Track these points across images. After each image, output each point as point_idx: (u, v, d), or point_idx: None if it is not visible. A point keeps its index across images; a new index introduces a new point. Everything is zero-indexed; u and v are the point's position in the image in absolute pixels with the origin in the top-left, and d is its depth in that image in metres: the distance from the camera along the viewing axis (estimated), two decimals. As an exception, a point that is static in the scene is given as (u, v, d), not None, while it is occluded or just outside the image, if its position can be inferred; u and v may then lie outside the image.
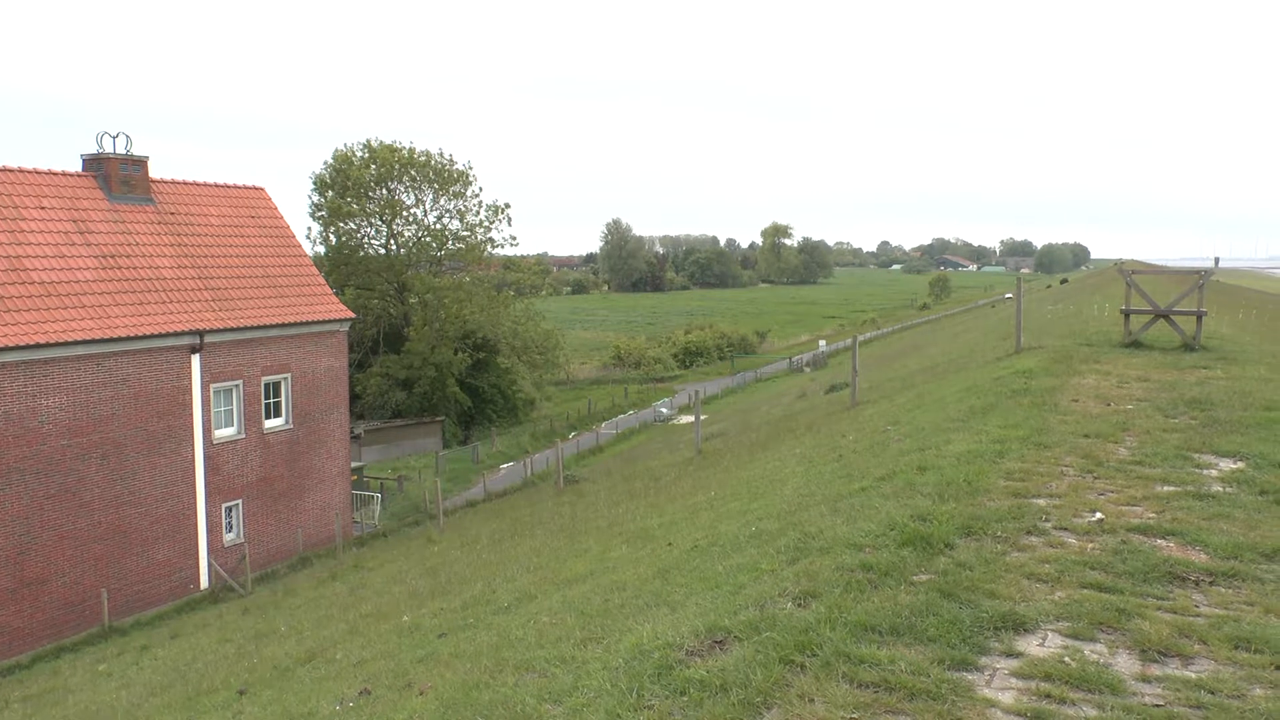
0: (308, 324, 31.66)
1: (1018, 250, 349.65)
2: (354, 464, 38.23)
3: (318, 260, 53.77)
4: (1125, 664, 4.82)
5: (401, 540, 30.07)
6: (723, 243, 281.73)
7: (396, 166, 59.09)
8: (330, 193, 58.36)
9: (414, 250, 60.92)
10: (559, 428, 58.20)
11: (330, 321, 32.62)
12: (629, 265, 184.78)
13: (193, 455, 27.58)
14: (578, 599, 9.11)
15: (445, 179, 60.73)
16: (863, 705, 4.36)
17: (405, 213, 60.55)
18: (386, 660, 10.40)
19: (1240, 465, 8.68)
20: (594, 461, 44.65)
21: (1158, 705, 4.37)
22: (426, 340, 56.01)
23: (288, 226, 34.24)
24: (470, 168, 61.91)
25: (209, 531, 28.16)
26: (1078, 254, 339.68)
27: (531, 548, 16.91)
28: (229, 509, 28.98)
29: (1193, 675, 4.65)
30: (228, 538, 28.86)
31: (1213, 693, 4.46)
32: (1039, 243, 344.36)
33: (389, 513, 37.68)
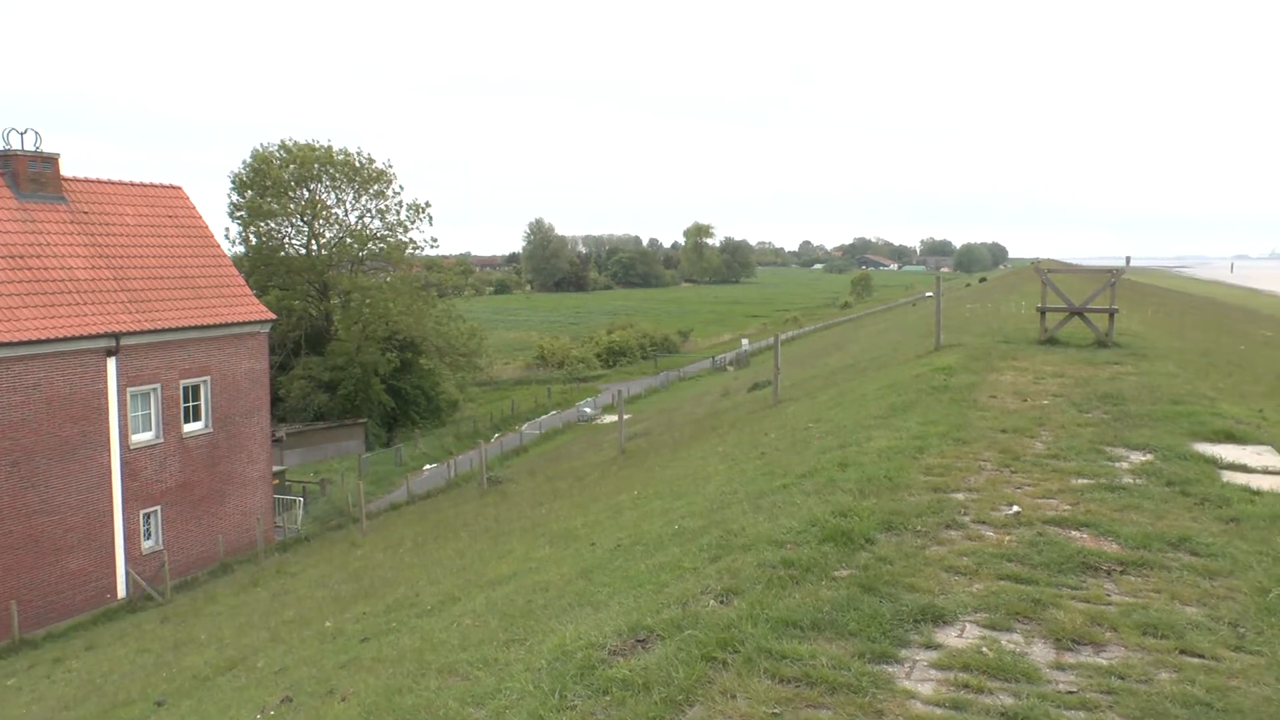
0: (228, 325, 31.11)
1: (938, 250, 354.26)
2: (276, 468, 37.65)
3: (237, 261, 52.90)
4: (1041, 653, 4.91)
5: (325, 544, 29.70)
6: (645, 242, 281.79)
7: (316, 166, 58.40)
8: (250, 192, 57.50)
9: (335, 251, 60.26)
10: (483, 428, 57.86)
11: (251, 323, 32.11)
12: (552, 265, 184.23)
13: (109, 461, 26.96)
14: (501, 600, 9.07)
15: (365, 178, 60.15)
16: (784, 700, 4.39)
17: (326, 213, 59.88)
18: (309, 667, 10.27)
19: (1149, 457, 8.89)
20: (518, 462, 44.45)
21: (1071, 692, 4.47)
22: (351, 341, 55.42)
23: (206, 226, 33.63)
24: (390, 166, 61.46)
25: (126, 539, 27.54)
26: (996, 253, 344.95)
27: (455, 549, 16.81)
28: (147, 516, 28.37)
29: (1104, 662, 4.77)
30: (146, 545, 28.24)
31: (1122, 678, 4.59)
32: (958, 242, 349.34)
33: (312, 516, 37.17)
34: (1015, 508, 7.30)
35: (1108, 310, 18.06)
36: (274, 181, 57.28)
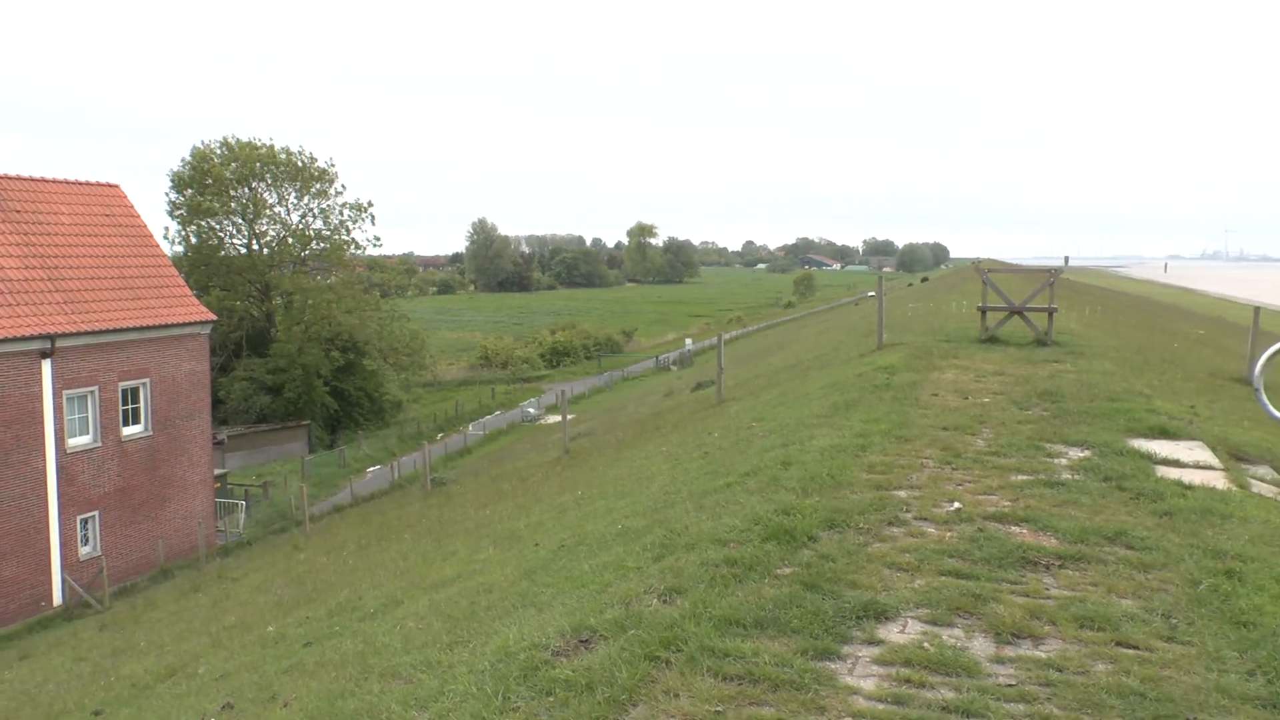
0: (167, 326, 30.66)
1: (880, 250, 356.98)
2: (218, 471, 37.23)
3: (177, 261, 52.16)
4: (981, 647, 4.97)
5: (267, 548, 29.35)
6: (589, 242, 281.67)
7: (257, 164, 57.78)
8: (190, 191, 56.73)
9: (277, 251, 59.65)
10: (426, 429, 57.54)
11: (191, 324, 31.67)
12: (495, 265, 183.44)
13: (44, 466, 26.46)
14: (445, 602, 9.01)
15: (307, 178, 59.63)
16: (727, 698, 4.40)
17: (267, 212, 59.27)
18: (250, 673, 10.14)
19: (1087, 454, 9.01)
20: (462, 463, 44.27)
21: (1010, 685, 4.53)
22: (294, 342, 54.87)
23: (145, 226, 33.11)
24: (332, 166, 60.99)
25: (63, 545, 27.04)
26: (938, 253, 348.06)
27: (399, 552, 16.69)
28: (85, 521, 27.89)
29: (1043, 655, 4.84)
30: (84, 551, 27.76)
31: (1060, 670, 4.66)
32: (900, 242, 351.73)
33: (254, 520, 36.79)
34: (956, 504, 7.37)
35: (1047, 309, 18.29)
36: (215, 180, 56.59)
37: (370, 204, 62.45)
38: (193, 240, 57.42)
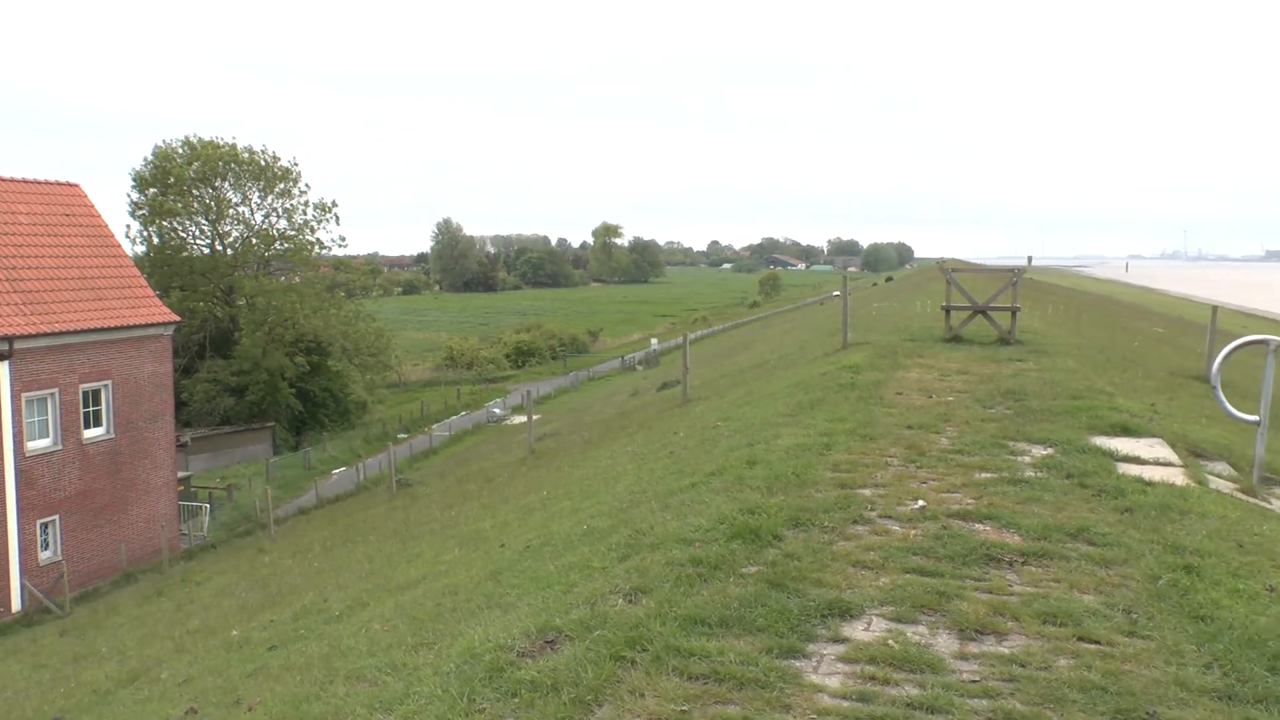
0: (129, 328, 30.35)
1: (845, 249, 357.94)
2: (181, 473, 36.87)
3: (139, 261, 51.60)
4: (945, 643, 5.00)
5: (232, 551, 29.14)
6: (554, 242, 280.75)
7: (220, 163, 57.23)
8: (151, 190, 56.12)
9: (241, 251, 59.15)
10: (392, 430, 57.28)
11: (153, 325, 31.37)
12: (460, 265, 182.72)
13: (2, 469, 26.14)
14: (410, 604, 8.98)
15: (271, 177, 59.10)
16: (693, 697, 4.41)
17: (231, 211, 58.76)
18: (214, 677, 10.07)
19: (1050, 451, 9.08)
20: (427, 464, 44.10)
21: (974, 681, 4.56)
22: (259, 343, 54.45)
23: (106, 226, 32.76)
24: (296, 165, 60.43)
25: (22, 550, 26.71)
26: (902, 253, 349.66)
27: (364, 554, 16.62)
28: (45, 525, 27.56)
29: (1006, 650, 4.88)
30: (44, 556, 27.44)
31: (1023, 665, 4.70)
32: (865, 242, 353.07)
33: (218, 523, 36.49)
34: (920, 502, 7.41)
35: (1010, 308, 18.41)
36: (177, 179, 55.99)
37: (334, 203, 62.02)
38: (155, 240, 56.79)
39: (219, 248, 58.81)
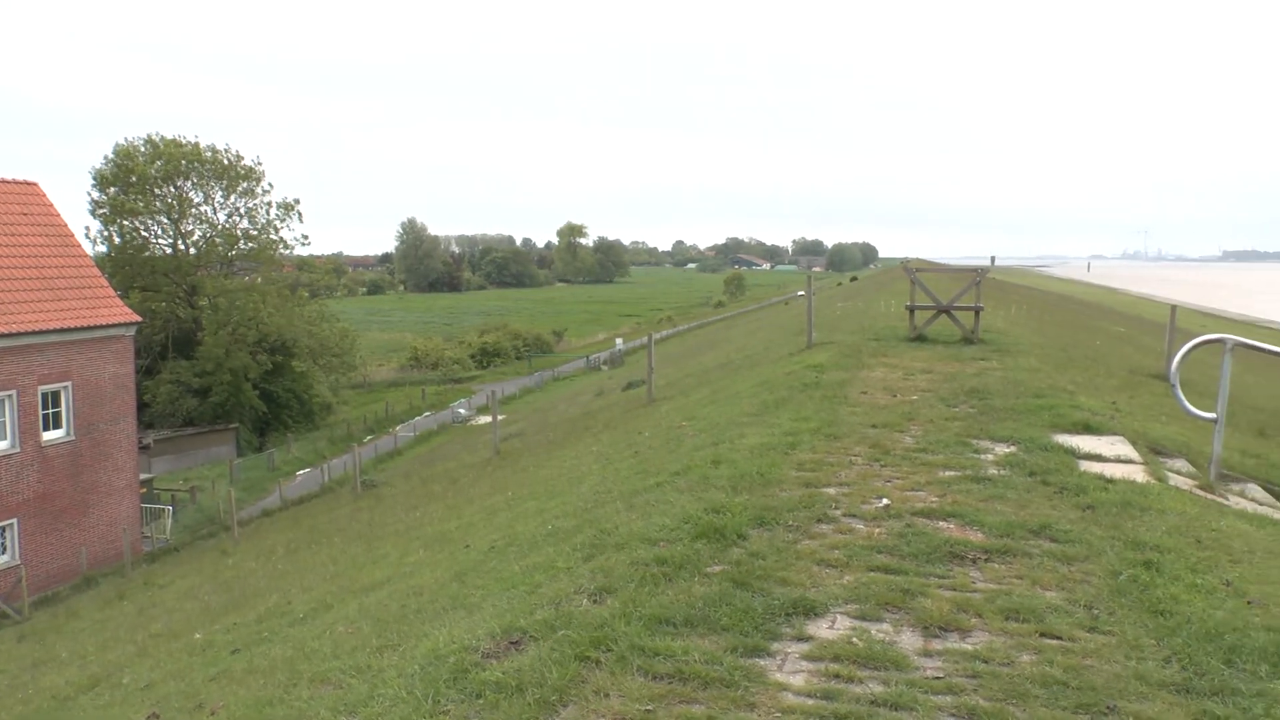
0: (90, 329, 29.99)
1: (810, 249, 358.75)
2: (143, 476, 36.50)
3: (100, 261, 51.06)
4: (909, 641, 5.03)
5: (195, 554, 28.86)
6: (519, 242, 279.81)
7: (183, 162, 56.71)
8: (113, 189, 55.53)
9: (204, 250, 58.67)
10: (356, 431, 56.95)
11: (114, 326, 31.02)
12: (425, 265, 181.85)
13: (-42, 472, 25.82)
14: (375, 606, 8.93)
15: (234, 176, 58.64)
16: (657, 697, 4.41)
17: (193, 211, 58.25)
18: (177, 681, 9.97)
19: (1013, 449, 9.15)
20: (392, 465, 43.88)
21: (938, 677, 4.59)
22: (221, 344, 54.01)
23: (65, 225, 32.33)
24: (259, 164, 59.98)
25: (-21, 554, 26.42)
26: (867, 253, 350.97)
27: (329, 555, 16.51)
28: (3, 529, 27.19)
29: (969, 647, 4.91)
30: (2, 560, 27.10)
31: (986, 662, 4.74)
32: (830, 242, 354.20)
33: (181, 525, 36.13)
34: (885, 500, 7.44)
35: (974, 308, 18.53)
36: (139, 178, 55.42)
37: (298, 202, 61.60)
38: (116, 240, 56.22)
39: (181, 247, 58.31)
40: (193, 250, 58.55)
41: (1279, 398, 22.80)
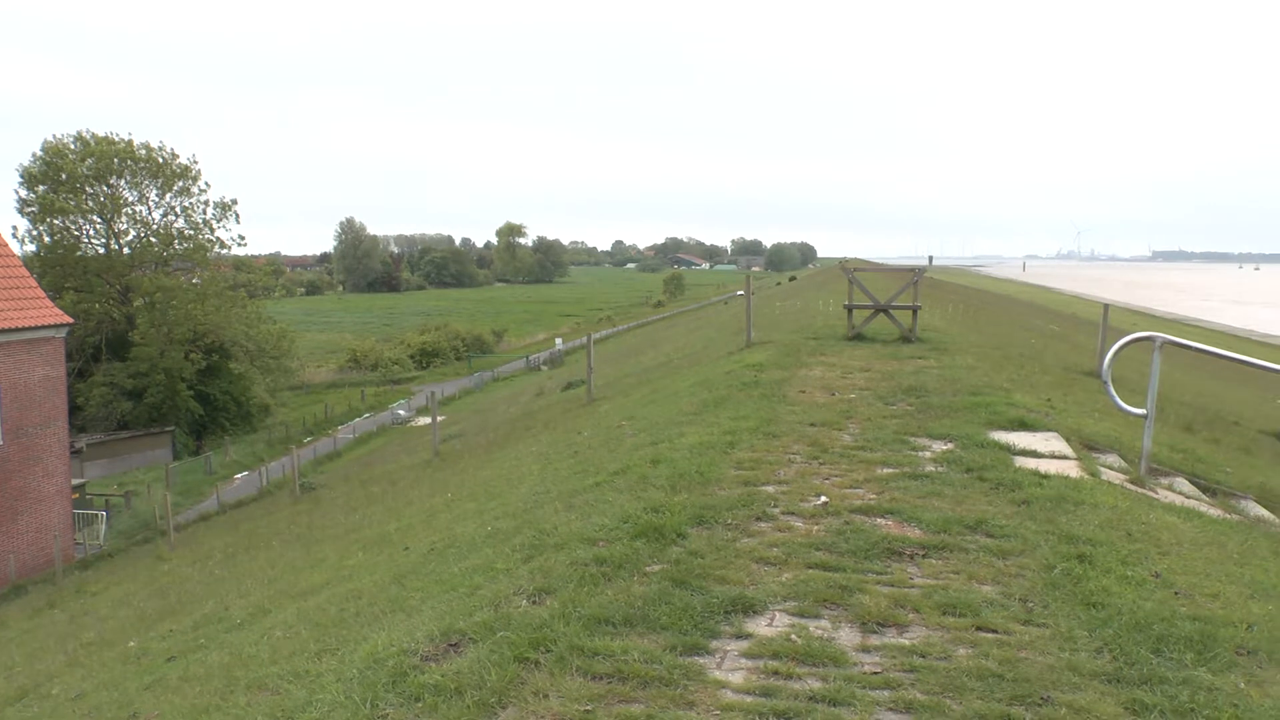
0: (18, 330, 29.37)
1: (749, 249, 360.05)
2: (75, 481, 35.82)
3: (28, 261, 50.06)
4: (847, 637, 5.06)
5: (129, 560, 28.38)
6: (458, 242, 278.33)
7: (115, 160, 55.78)
8: (41, 187, 54.48)
9: (138, 250, 57.75)
10: (295, 434, 56.43)
11: (44, 327, 30.41)
12: (364, 265, 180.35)
13: (-117, 479, 25.19)
14: (313, 610, 8.84)
15: (169, 175, 57.80)
16: (596, 697, 4.41)
17: (127, 210, 57.32)
18: (109, 691, 9.79)
19: (950, 446, 9.23)
20: (332, 467, 43.50)
21: (876, 673, 4.63)
22: (155, 345, 53.18)
23: (-9, 226, 31.75)
24: (195, 163, 59.18)
25: (-97, 561, 25.78)
26: (805, 253, 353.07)
27: (267, 560, 16.32)
28: (-73, 536, 26.63)
29: (907, 642, 4.96)
30: (-74, 568, 26.52)
31: (924, 656, 4.79)
32: (768, 242, 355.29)
33: (116, 531, 35.52)
34: (823, 498, 7.48)
35: (911, 307, 18.68)
36: (69, 176, 54.44)
37: (235, 202, 60.89)
38: (46, 240, 55.20)
39: (115, 247, 57.38)
40: (127, 250, 57.66)
41: (1206, 394, 23.27)
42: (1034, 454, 9.05)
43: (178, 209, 59.18)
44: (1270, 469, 12.87)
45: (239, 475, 46.76)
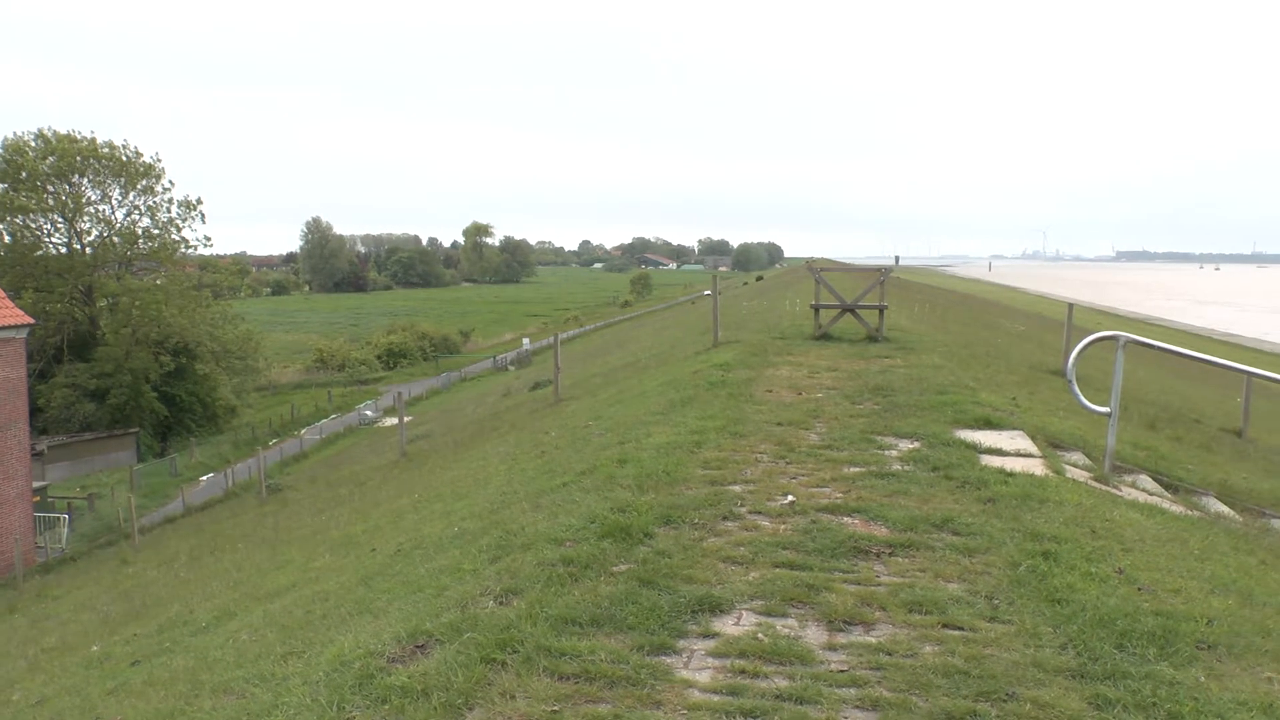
0: (-24, 331, 29.09)
1: (716, 249, 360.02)
2: (37, 484, 35.45)
3: (-13, 261, 49.69)
4: (814, 635, 5.07)
5: (93, 564, 28.12)
6: (425, 242, 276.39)
7: (78, 159, 55.24)
8: (1, 185, 53.90)
9: (100, 250, 57.21)
10: (261, 435, 56.05)
11: (5, 328, 30.10)
12: (331, 265, 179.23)
13: None
14: (279, 613, 8.80)
15: (132, 173, 57.29)
16: (564, 697, 4.40)
17: (90, 209, 56.79)
18: (72, 696, 9.70)
19: (916, 445, 9.28)
20: (298, 468, 43.25)
21: (843, 671, 4.65)
22: (120, 346, 52.67)
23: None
24: (159, 161, 58.71)
25: None
26: (772, 252, 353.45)
27: (233, 562, 16.22)
28: (-115, 540, 26.27)
29: (874, 640, 4.97)
30: (-116, 573, 26.16)
31: (890, 654, 4.81)
32: (736, 242, 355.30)
33: (78, 534, 35.17)
34: (790, 497, 7.50)
35: (878, 306, 18.76)
36: (30, 174, 53.89)
37: (200, 201, 60.45)
38: (6, 239, 54.63)
39: (77, 246, 56.82)
40: (89, 250, 57.11)
41: (1169, 392, 23.50)
42: (999, 452, 9.11)
43: (142, 208, 58.80)
44: (1230, 466, 13.01)
45: (205, 477, 46.42)
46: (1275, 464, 14.62)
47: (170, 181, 59.67)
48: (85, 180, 56.41)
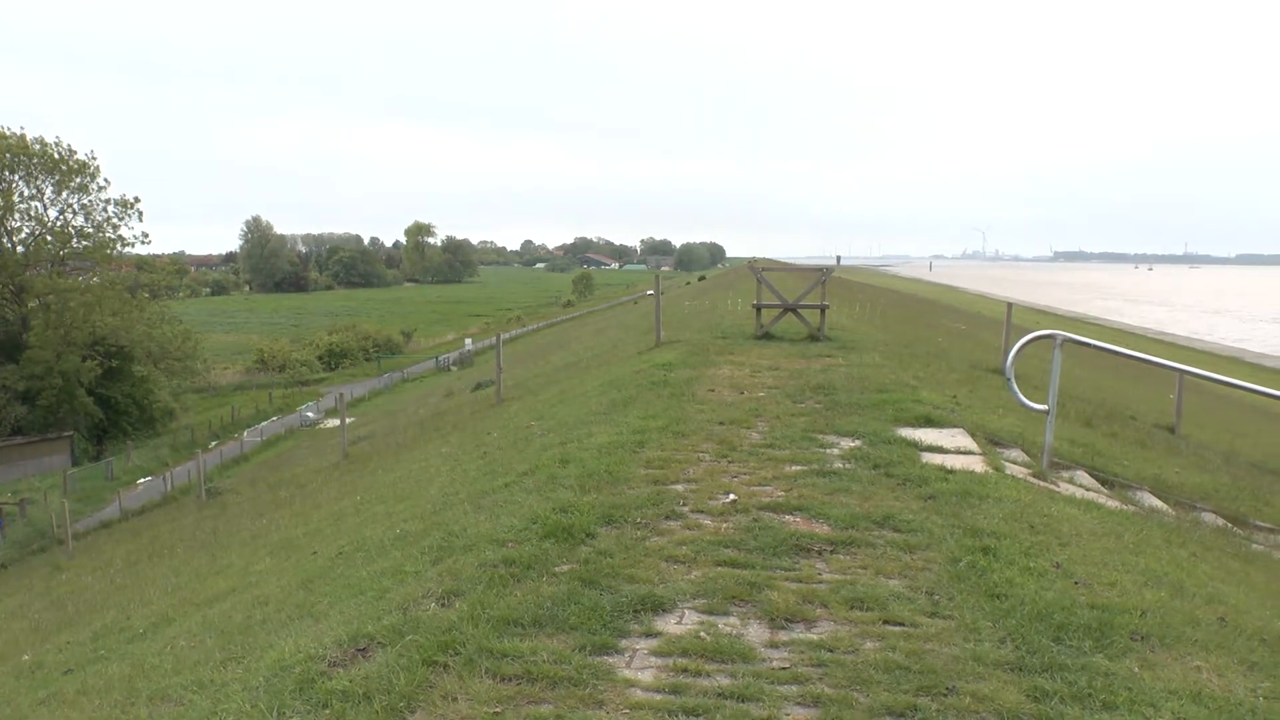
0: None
1: (658, 249, 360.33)
2: (-35, 489, 34.82)
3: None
4: (756, 633, 5.09)
5: (24, 570, 27.62)
6: (367, 241, 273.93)
7: (8, 155, 54.19)
8: (-71, 183, 52.82)
9: (32, 249, 56.16)
10: (201, 437, 55.35)
11: (-70, 333, 29.51)
12: (271, 265, 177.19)
13: None
14: (218, 618, 8.69)
15: (66, 171, 56.30)
16: (506, 699, 4.39)
17: (21, 206, 55.74)
18: (2, 706, 9.51)
19: (857, 443, 9.34)
20: (239, 471, 42.75)
21: (784, 668, 4.67)
22: (51, 347, 51.71)
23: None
24: (94, 159, 57.75)
25: None
26: (714, 252, 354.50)
27: (171, 567, 16.00)
28: None
29: (815, 637, 5.00)
30: None
31: (831, 651, 4.84)
32: (678, 242, 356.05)
33: (9, 541, 34.51)
34: (732, 496, 7.52)
35: (819, 306, 18.86)
36: (-42, 171, 52.90)
37: (138, 200, 59.52)
38: (-68, 238, 53.56)
39: (7, 245, 55.74)
40: (20, 248, 56.05)
41: (1105, 389, 23.86)
42: (940, 450, 9.20)
43: (75, 206, 57.82)
44: (1164, 461, 13.25)
45: (142, 481, 45.78)
46: (1206, 459, 14.90)
47: (106, 180, 58.83)
48: (16, 177, 55.36)
